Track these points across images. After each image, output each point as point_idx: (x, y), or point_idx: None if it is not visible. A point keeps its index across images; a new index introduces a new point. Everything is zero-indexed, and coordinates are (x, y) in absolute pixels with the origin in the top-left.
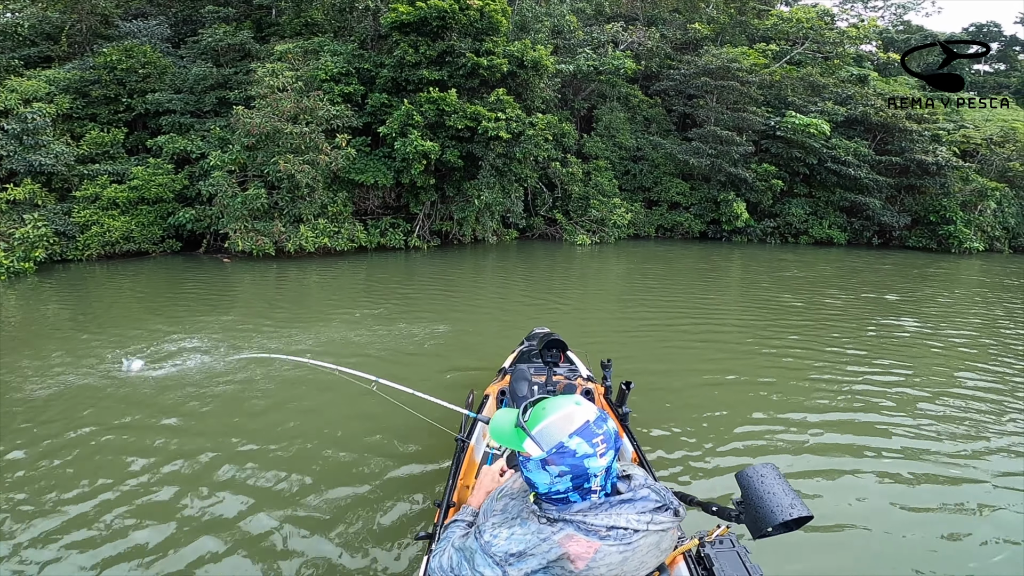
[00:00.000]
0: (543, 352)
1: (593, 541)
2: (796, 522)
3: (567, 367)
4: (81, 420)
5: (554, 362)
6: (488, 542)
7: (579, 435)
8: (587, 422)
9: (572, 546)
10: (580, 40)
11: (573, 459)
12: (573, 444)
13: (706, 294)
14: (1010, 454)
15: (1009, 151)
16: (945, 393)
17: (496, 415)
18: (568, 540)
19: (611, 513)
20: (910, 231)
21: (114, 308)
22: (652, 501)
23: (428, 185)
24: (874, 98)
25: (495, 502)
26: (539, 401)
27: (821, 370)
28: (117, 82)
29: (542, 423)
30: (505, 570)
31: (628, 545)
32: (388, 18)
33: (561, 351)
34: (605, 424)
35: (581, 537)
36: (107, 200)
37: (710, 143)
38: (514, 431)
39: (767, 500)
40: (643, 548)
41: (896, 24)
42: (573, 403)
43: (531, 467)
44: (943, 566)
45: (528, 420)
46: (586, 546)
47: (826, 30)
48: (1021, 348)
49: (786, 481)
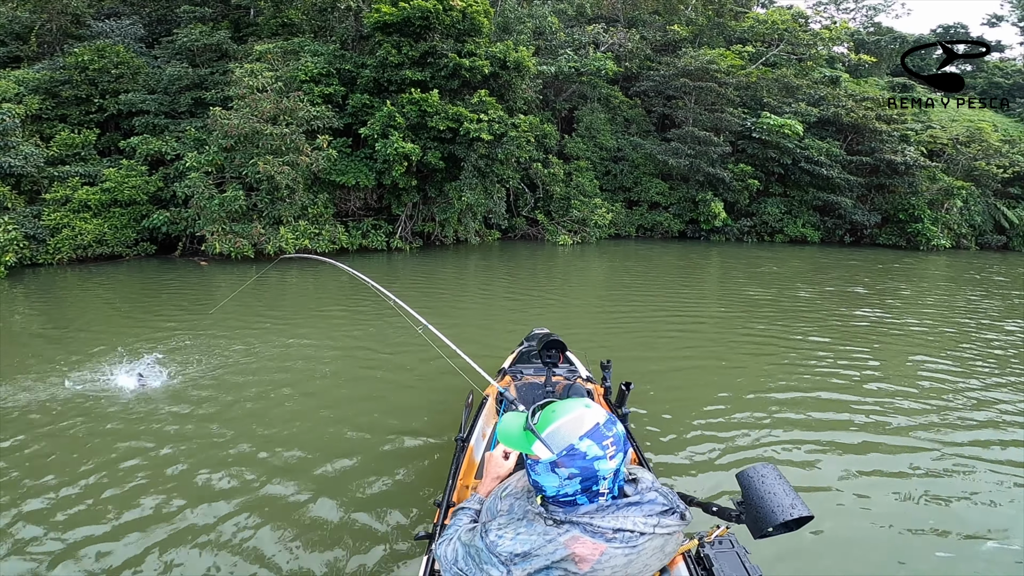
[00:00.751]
0: (542, 353)
1: (599, 543)
2: (797, 522)
3: (566, 367)
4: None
5: (553, 363)
6: (493, 542)
7: (589, 437)
8: (597, 424)
9: (578, 548)
10: (562, 41)
11: (583, 461)
12: (584, 446)
13: (685, 289)
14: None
15: (975, 151)
16: (911, 374)
17: (504, 418)
18: (574, 542)
19: (618, 516)
20: (880, 229)
21: (88, 314)
22: (659, 504)
23: (410, 186)
24: (845, 99)
25: (500, 501)
26: (548, 404)
27: (788, 354)
28: (89, 82)
29: (552, 426)
30: (510, 569)
31: (633, 548)
32: (371, 18)
33: (560, 351)
34: (615, 427)
35: (587, 539)
36: (78, 202)
37: (689, 144)
38: (523, 434)
39: (767, 500)
40: (648, 551)
41: (867, 26)
42: (583, 406)
43: (540, 470)
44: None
45: (537, 423)
46: (592, 548)
47: (800, 32)
48: (980, 335)
49: (787, 481)
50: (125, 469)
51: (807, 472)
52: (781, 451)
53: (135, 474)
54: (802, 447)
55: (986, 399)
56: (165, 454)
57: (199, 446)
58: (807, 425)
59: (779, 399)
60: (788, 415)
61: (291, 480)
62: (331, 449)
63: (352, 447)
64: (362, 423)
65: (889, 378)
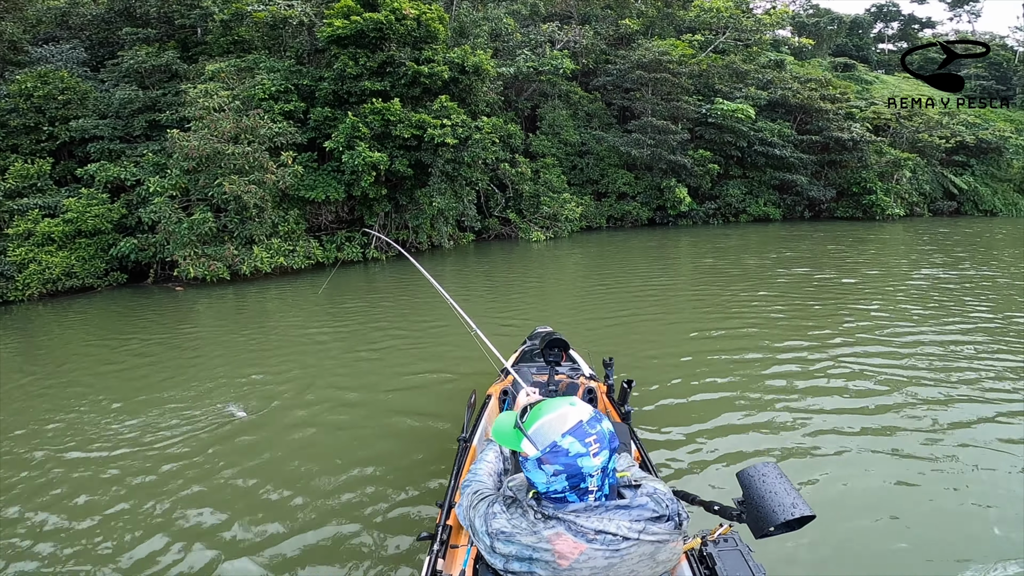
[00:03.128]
0: (545, 351)
1: (580, 543)
2: (798, 521)
3: (569, 366)
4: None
5: (556, 361)
6: (492, 513)
7: (572, 434)
8: (580, 422)
9: (560, 544)
10: (519, 42)
11: (566, 458)
12: (566, 443)
13: (658, 272)
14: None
15: (917, 124)
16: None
17: (499, 417)
18: (557, 538)
19: (603, 517)
20: (837, 203)
21: (69, 347)
22: (648, 510)
23: (380, 196)
24: (791, 81)
25: (509, 482)
26: (538, 403)
27: (771, 334)
28: (36, 110)
29: (537, 423)
30: (493, 543)
31: (616, 552)
32: (324, 32)
33: (563, 350)
34: (599, 424)
35: (569, 537)
36: (42, 235)
37: (649, 134)
38: (513, 431)
39: (768, 500)
40: (633, 557)
41: (807, 8)
42: (568, 404)
43: (529, 466)
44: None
45: (525, 421)
46: (572, 546)
47: (743, 18)
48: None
49: (788, 480)
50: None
51: (802, 459)
52: (778, 444)
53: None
54: (800, 431)
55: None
56: (161, 471)
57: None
58: (805, 411)
59: (774, 386)
60: (789, 404)
61: (292, 481)
62: (331, 449)
63: (352, 450)
64: (361, 424)
65: (862, 342)
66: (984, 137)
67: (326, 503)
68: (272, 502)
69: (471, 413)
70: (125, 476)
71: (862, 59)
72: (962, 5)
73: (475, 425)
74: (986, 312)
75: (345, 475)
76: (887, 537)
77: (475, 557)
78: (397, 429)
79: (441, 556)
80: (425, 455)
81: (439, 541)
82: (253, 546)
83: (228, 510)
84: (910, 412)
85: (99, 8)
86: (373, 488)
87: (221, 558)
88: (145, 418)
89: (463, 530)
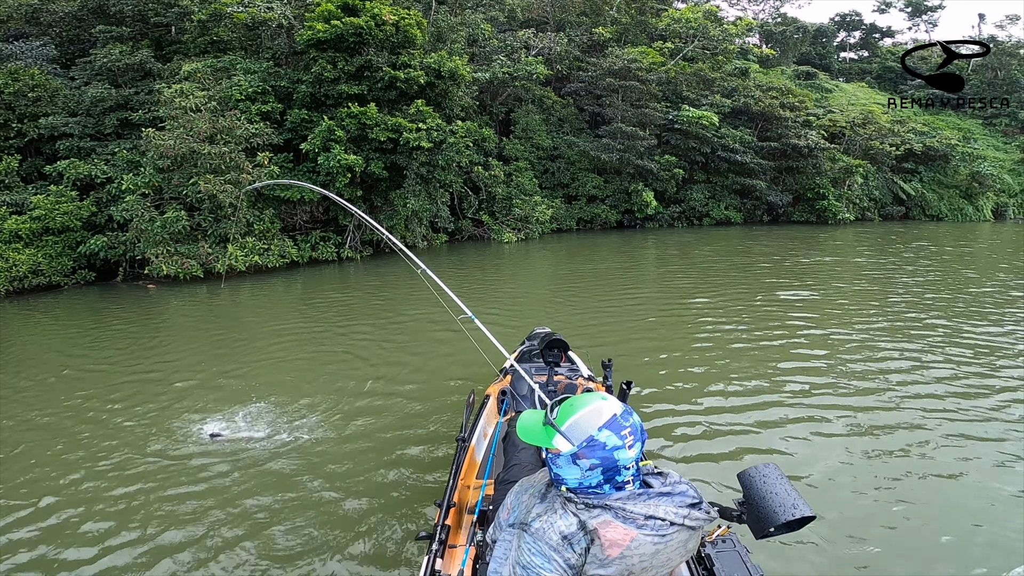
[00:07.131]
0: (544, 352)
1: (630, 529)
2: (799, 522)
3: (568, 367)
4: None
5: (555, 362)
6: (542, 528)
7: (608, 428)
8: (615, 415)
9: (608, 532)
10: (495, 47)
11: (603, 452)
12: (603, 437)
13: (627, 276)
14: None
15: (869, 131)
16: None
17: (523, 415)
18: (605, 526)
19: (649, 504)
20: (794, 207)
21: (29, 348)
22: (689, 497)
23: (355, 197)
24: (754, 89)
25: (521, 496)
26: (564, 400)
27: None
28: (5, 106)
29: (571, 418)
30: (563, 555)
31: (663, 538)
32: (304, 36)
33: (562, 351)
34: (632, 416)
35: (619, 524)
36: (8, 233)
37: (618, 139)
38: (543, 429)
39: (769, 500)
40: (674, 543)
41: (775, 16)
42: (599, 398)
43: (561, 463)
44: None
45: (557, 417)
46: (623, 533)
47: (712, 28)
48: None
49: (788, 481)
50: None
51: (794, 457)
52: (773, 441)
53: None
54: (792, 428)
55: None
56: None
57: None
58: (799, 406)
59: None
60: (784, 399)
61: (292, 481)
62: (331, 451)
63: (352, 451)
64: (361, 424)
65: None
66: (931, 145)
67: (323, 503)
68: (267, 503)
69: (469, 413)
70: (97, 494)
71: (824, 67)
72: (920, 15)
73: (474, 425)
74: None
75: (342, 476)
76: (887, 537)
77: (474, 557)
78: (394, 429)
79: (440, 556)
80: (423, 455)
81: (437, 541)
82: (250, 546)
83: (222, 511)
84: (911, 412)
85: (71, 5)
86: (371, 488)
87: (221, 557)
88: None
89: (461, 530)
